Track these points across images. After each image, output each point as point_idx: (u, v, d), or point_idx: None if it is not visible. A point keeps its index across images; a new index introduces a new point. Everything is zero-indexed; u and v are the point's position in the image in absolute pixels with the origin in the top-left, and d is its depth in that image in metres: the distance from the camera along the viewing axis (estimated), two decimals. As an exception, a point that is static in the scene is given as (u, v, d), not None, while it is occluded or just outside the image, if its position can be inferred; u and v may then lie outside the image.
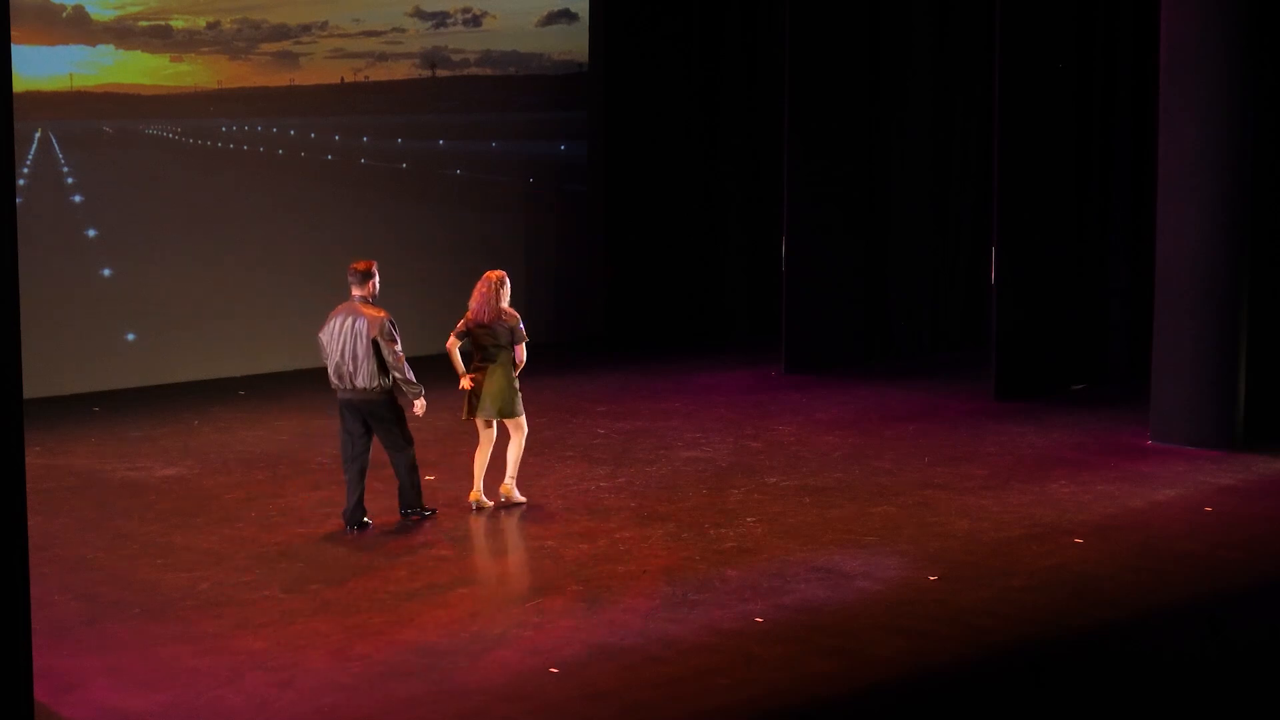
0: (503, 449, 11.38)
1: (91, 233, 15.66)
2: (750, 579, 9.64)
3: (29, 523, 6.75)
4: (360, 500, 10.81)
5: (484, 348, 11.22)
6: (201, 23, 16.21)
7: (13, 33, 6.72)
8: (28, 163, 15.27)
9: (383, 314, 10.71)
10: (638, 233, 18.37)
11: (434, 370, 17.00)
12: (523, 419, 11.28)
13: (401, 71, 17.58)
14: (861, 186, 16.97)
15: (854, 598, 9.29)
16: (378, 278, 10.86)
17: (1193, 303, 12.94)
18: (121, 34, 15.77)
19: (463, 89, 18.07)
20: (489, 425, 11.27)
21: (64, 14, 15.45)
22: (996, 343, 14.90)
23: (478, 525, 10.85)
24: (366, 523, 10.81)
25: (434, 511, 11.05)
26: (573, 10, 18.48)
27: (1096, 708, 7.90)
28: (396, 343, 10.68)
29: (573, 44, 18.52)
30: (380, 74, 17.46)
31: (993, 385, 14.96)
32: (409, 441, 10.91)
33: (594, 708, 7.72)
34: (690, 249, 18.70)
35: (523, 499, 11.36)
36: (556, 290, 18.29)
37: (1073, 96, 15.47)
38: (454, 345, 11.35)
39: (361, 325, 10.68)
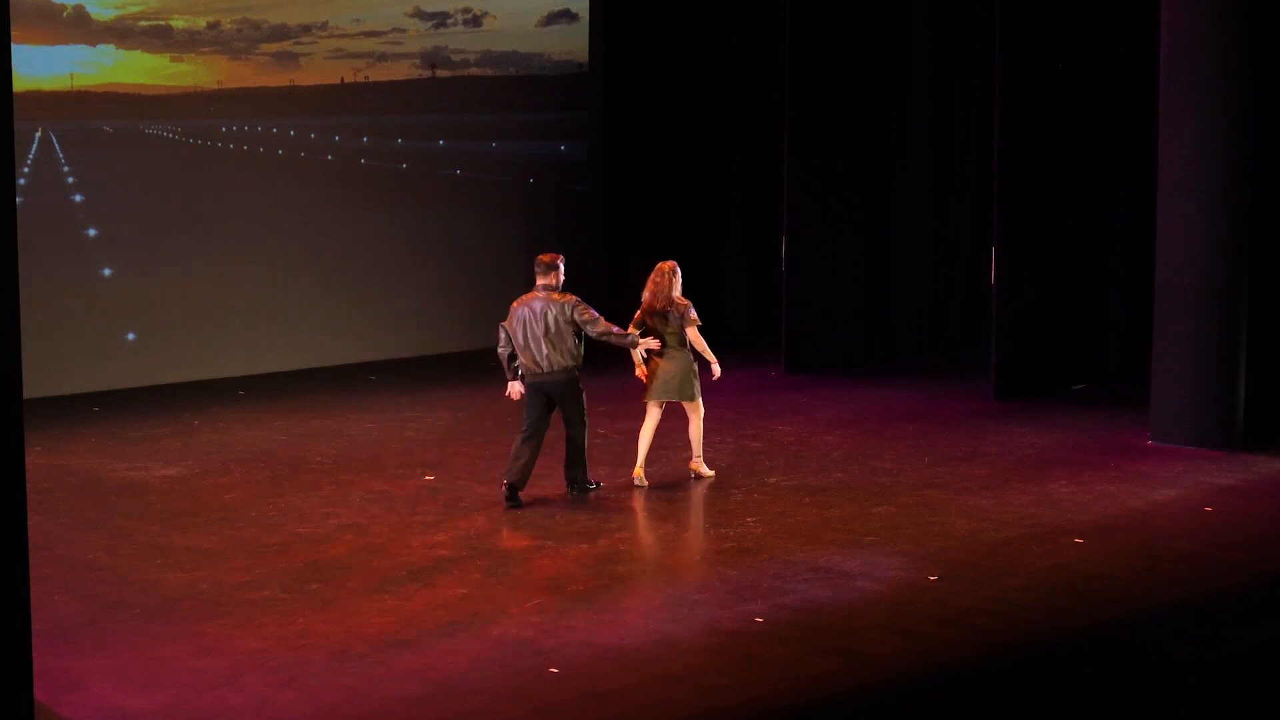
0: (680, 428, 12.15)
1: (91, 233, 15.66)
2: (750, 579, 9.64)
3: (29, 523, 6.75)
4: (525, 475, 11.37)
5: (659, 335, 11.74)
6: (201, 23, 16.21)
7: (13, 32, 6.72)
8: (28, 163, 15.27)
9: (571, 296, 11.37)
10: (638, 233, 18.37)
11: (440, 367, 17.10)
12: (699, 401, 11.87)
13: (401, 71, 17.59)
14: (861, 186, 16.98)
15: (854, 598, 9.29)
16: (563, 269, 11.44)
17: (1192, 302, 12.94)
18: (122, 34, 15.77)
19: (463, 89, 18.07)
20: (659, 407, 11.89)
21: (64, 14, 15.45)
22: (996, 343, 14.90)
23: (477, 527, 10.85)
24: (520, 501, 11.40)
25: (598, 484, 11.74)
26: (573, 10, 18.48)
27: (1096, 708, 7.90)
28: (591, 311, 11.33)
29: (573, 44, 18.52)
30: (380, 74, 17.46)
31: (993, 385, 14.97)
32: (583, 422, 11.55)
33: (594, 708, 7.72)
34: (690, 249, 18.69)
35: (710, 473, 12.08)
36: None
37: (1073, 96, 15.48)
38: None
39: (553, 310, 11.27)
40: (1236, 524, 10.88)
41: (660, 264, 11.89)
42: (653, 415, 11.90)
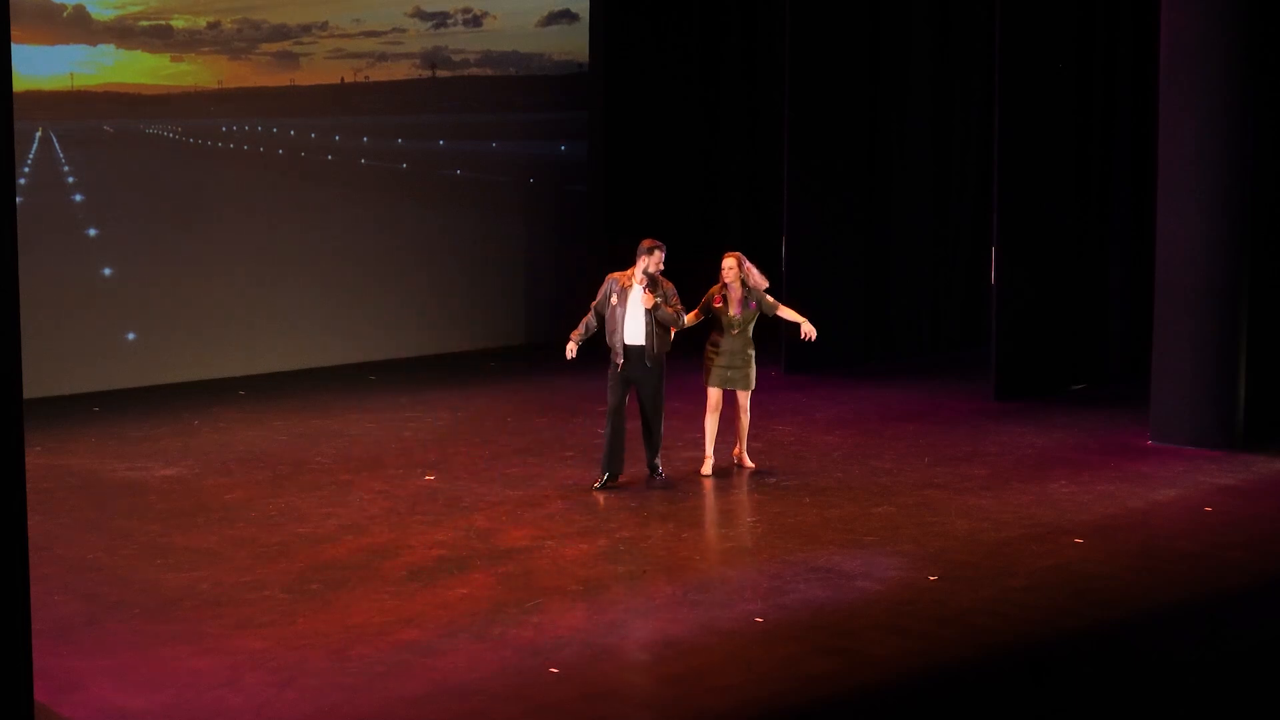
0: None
1: (91, 233, 15.66)
2: (750, 579, 9.64)
3: (29, 523, 6.76)
4: (651, 455, 12.03)
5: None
6: (202, 23, 16.21)
7: (13, 32, 6.73)
8: (28, 163, 15.27)
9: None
10: (638, 233, 18.33)
11: (440, 367, 17.10)
12: (708, 389, 12.17)
13: (401, 71, 17.58)
14: (861, 186, 16.98)
15: (854, 598, 9.29)
16: (650, 258, 11.72)
17: (1192, 302, 12.94)
18: (122, 33, 15.77)
19: (463, 89, 18.07)
20: (732, 395, 12.32)
21: (64, 13, 15.45)
22: (996, 343, 14.90)
23: (477, 527, 10.85)
24: (655, 470, 12.03)
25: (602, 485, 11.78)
26: (573, 10, 18.48)
27: (1096, 708, 7.90)
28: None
29: (573, 44, 18.53)
30: (380, 74, 17.46)
31: (993, 385, 14.97)
32: (609, 407, 11.85)
33: (594, 708, 7.72)
34: (690, 249, 18.68)
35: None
36: (556, 290, 18.29)
37: (1073, 96, 15.48)
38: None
39: None
40: (1236, 524, 10.89)
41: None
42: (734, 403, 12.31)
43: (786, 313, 12.35)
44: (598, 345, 12.05)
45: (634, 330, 11.75)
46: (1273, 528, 10.81)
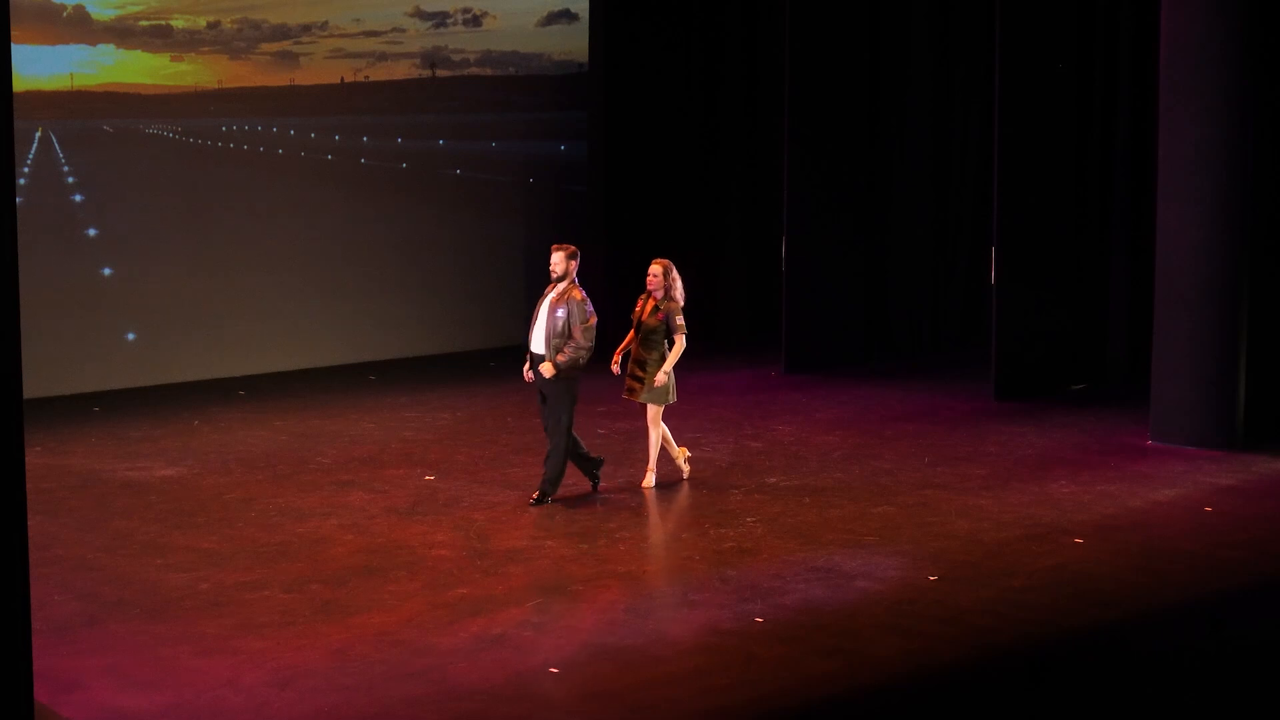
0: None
1: (91, 232, 15.66)
2: (750, 579, 9.64)
3: (29, 523, 6.76)
4: (545, 479, 11.37)
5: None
6: (202, 22, 16.21)
7: (13, 32, 6.73)
8: (28, 163, 15.27)
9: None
10: (638, 233, 18.36)
11: (440, 367, 17.12)
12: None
13: (401, 71, 17.58)
14: (861, 186, 16.98)
15: (854, 598, 9.29)
16: (555, 256, 11.41)
17: (1192, 302, 12.94)
18: (122, 33, 15.77)
19: (463, 89, 18.06)
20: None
21: (64, 13, 15.45)
22: (996, 343, 14.90)
23: (477, 526, 10.84)
24: (543, 499, 11.35)
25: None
26: (573, 10, 18.48)
27: (1096, 708, 7.90)
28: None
29: (573, 44, 18.52)
30: (380, 74, 17.45)
31: (993, 385, 14.97)
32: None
33: (594, 708, 7.72)
34: (690, 249, 18.69)
35: (649, 486, 11.74)
36: (556, 290, 18.28)
37: (1073, 96, 15.48)
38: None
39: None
40: (1236, 524, 10.89)
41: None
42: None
43: (674, 347, 11.51)
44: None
45: (538, 338, 11.24)
46: (1273, 528, 10.82)
